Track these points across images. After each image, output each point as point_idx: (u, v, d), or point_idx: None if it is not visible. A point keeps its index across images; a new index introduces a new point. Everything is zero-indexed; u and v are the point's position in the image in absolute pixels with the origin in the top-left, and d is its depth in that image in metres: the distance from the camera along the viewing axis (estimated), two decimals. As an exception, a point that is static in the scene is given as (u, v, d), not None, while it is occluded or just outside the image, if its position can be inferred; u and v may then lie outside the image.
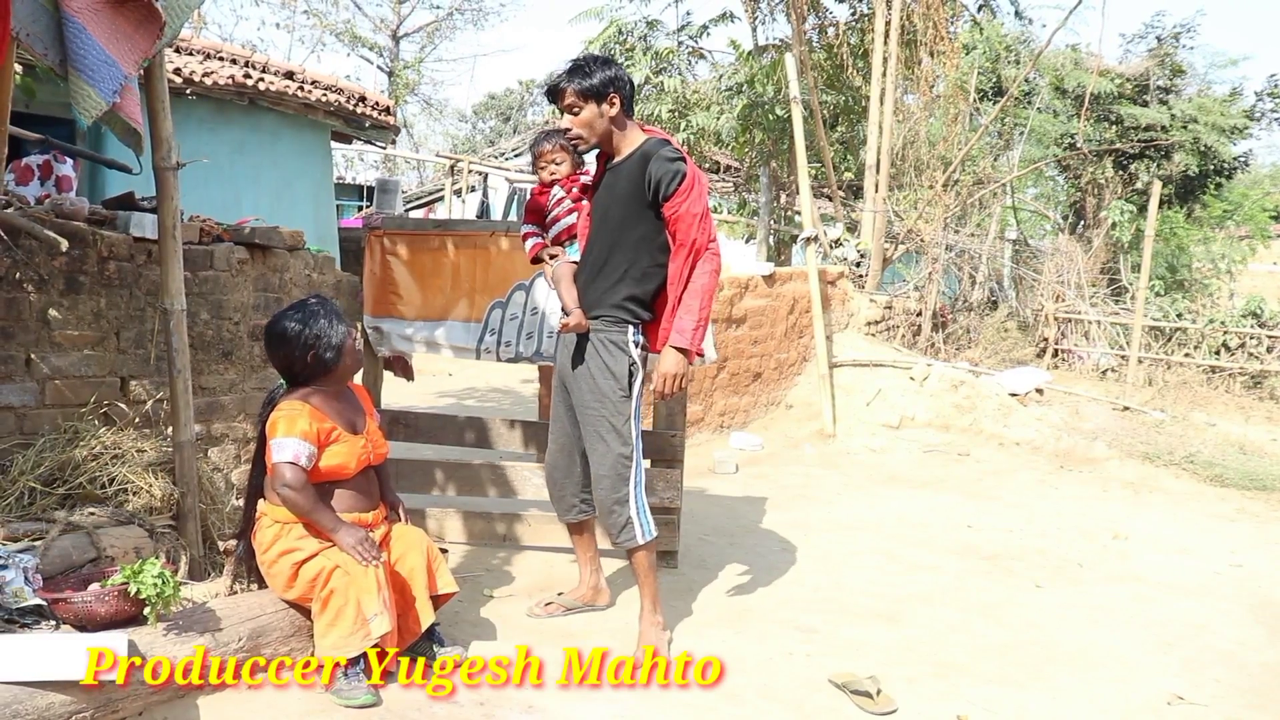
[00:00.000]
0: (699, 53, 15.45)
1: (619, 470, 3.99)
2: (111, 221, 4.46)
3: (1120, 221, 15.39)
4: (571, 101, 3.94)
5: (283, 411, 3.50)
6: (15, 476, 3.81)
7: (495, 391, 10.68)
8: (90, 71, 3.43)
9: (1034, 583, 5.26)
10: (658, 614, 4.07)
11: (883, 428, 9.32)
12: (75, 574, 3.44)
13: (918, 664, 4.04)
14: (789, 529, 6.08)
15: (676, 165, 3.87)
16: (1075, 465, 8.58)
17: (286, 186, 11.28)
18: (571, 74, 3.93)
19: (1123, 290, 13.96)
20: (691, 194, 3.87)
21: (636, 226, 3.98)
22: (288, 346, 3.57)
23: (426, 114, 36.28)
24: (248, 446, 4.99)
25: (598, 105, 3.94)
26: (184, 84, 9.60)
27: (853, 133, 15.54)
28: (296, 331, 3.56)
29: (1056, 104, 17.00)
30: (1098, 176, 17.07)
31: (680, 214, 3.87)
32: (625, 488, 4.00)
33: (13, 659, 2.81)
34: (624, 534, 4.01)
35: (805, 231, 10.29)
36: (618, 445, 3.99)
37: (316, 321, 3.58)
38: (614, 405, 3.99)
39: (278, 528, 3.53)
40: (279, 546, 3.51)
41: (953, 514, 6.76)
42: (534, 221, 4.42)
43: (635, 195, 3.94)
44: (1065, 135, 16.78)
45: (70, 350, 4.21)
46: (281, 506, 3.50)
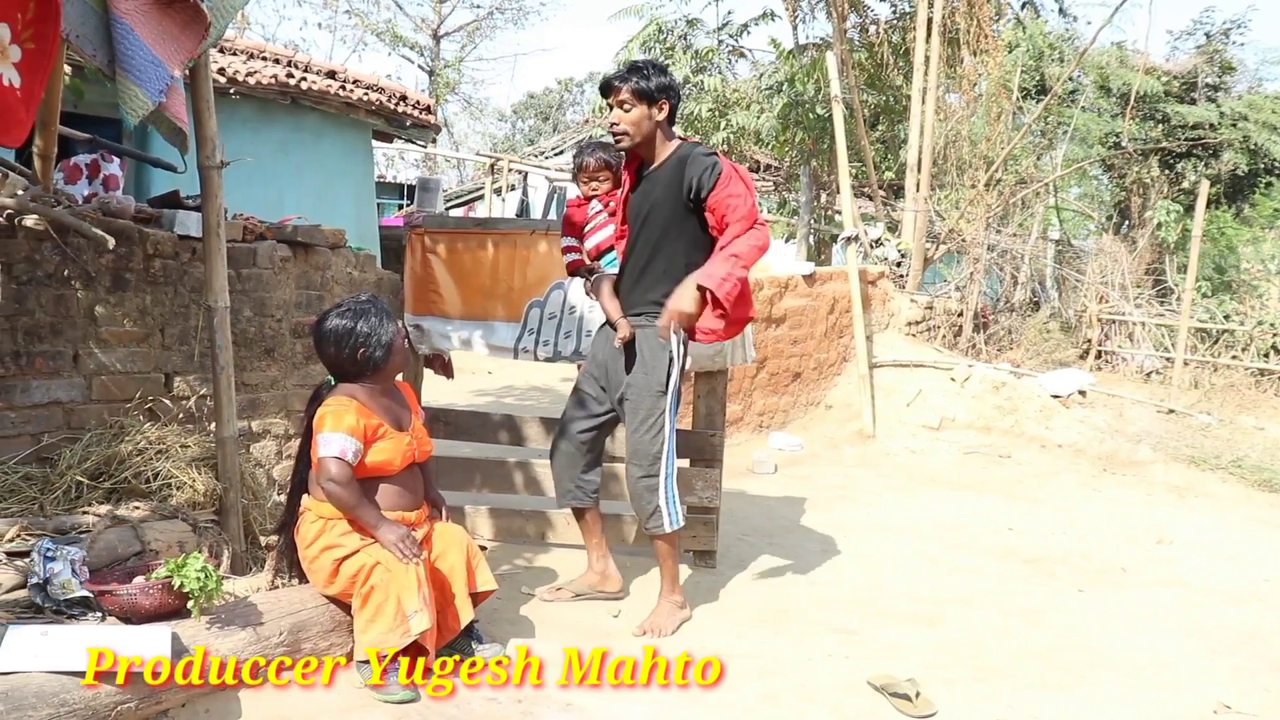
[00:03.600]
0: (739, 51, 15.42)
1: (649, 462, 4.15)
2: (157, 220, 4.52)
3: (1166, 221, 15.18)
4: (625, 98, 4.04)
5: (330, 407, 3.53)
6: (63, 470, 3.87)
7: (535, 390, 10.71)
8: (137, 72, 3.48)
9: (1076, 587, 5.21)
10: (676, 593, 4.31)
11: (923, 429, 9.26)
12: (120, 567, 3.49)
13: (957, 667, 4.01)
14: (828, 530, 6.06)
15: (711, 159, 3.98)
16: (1119, 469, 8.48)
17: (328, 185, 11.37)
18: (630, 72, 4.06)
19: (1168, 291, 13.76)
20: (732, 181, 3.96)
21: (676, 227, 4.09)
22: (337, 343, 3.60)
23: (467, 113, 36.47)
24: (289, 443, 5.04)
25: (648, 107, 4.04)
26: (228, 84, 9.71)
27: (894, 132, 15.45)
28: (347, 329, 3.59)
29: (1101, 103, 16.80)
30: (1143, 176, 16.85)
31: (723, 197, 3.95)
32: (655, 478, 4.16)
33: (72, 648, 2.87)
34: (652, 520, 4.19)
35: (846, 231, 10.26)
36: (648, 439, 4.15)
37: (367, 319, 3.60)
38: (651, 399, 4.14)
39: (321, 523, 3.56)
40: (321, 542, 3.54)
41: (993, 516, 6.71)
42: (571, 234, 4.58)
43: (674, 198, 4.05)
44: (1110, 134, 16.58)
45: (116, 346, 4.27)
46: (325, 502, 3.53)
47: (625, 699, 3.54)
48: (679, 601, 4.32)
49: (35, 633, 2.90)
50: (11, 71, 3.28)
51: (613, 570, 4.58)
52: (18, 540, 3.40)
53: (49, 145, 4.07)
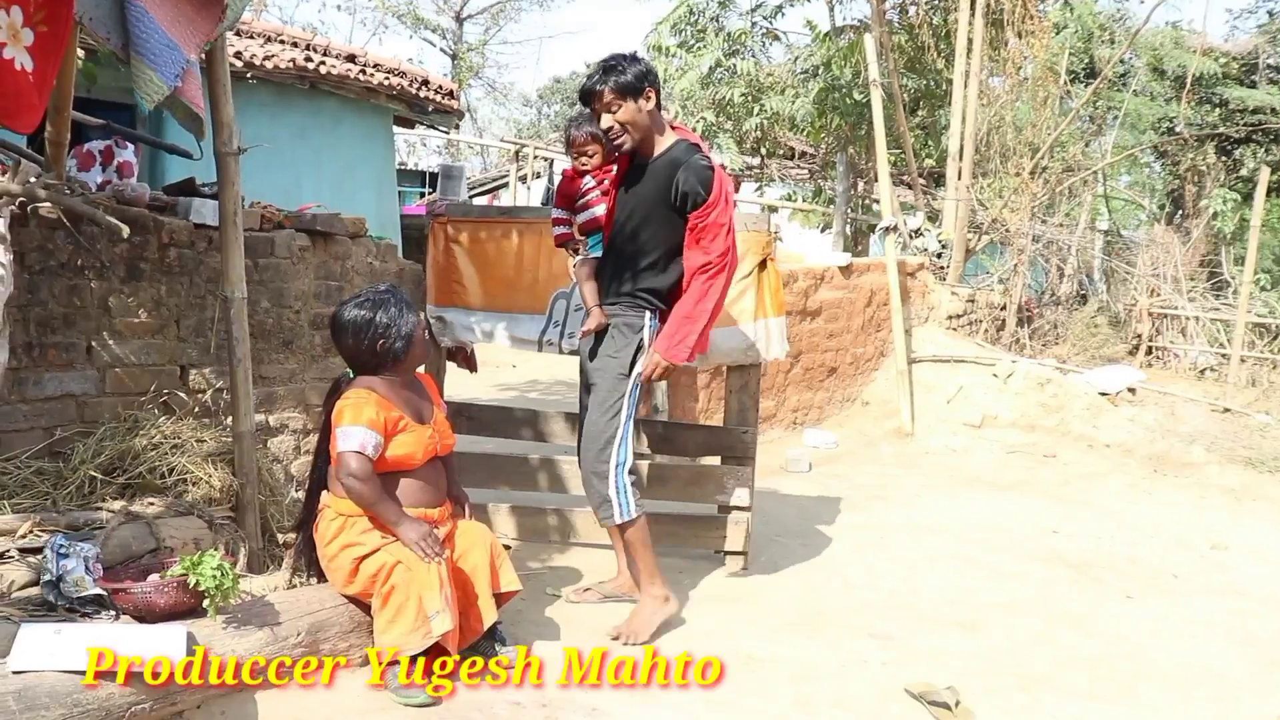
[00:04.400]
0: (773, 34, 15.35)
1: (602, 446, 4.17)
2: (172, 208, 4.55)
3: (1223, 211, 15.01)
4: (610, 100, 4.06)
5: (349, 400, 3.55)
6: (76, 465, 3.91)
7: (560, 384, 10.72)
8: (152, 55, 3.50)
9: (1124, 593, 5.16)
10: (655, 585, 4.23)
11: (964, 427, 9.21)
12: (135, 564, 3.52)
13: (999, 675, 3.99)
14: (864, 531, 6.03)
15: (705, 176, 4.04)
16: (1170, 470, 8.40)
17: (348, 172, 11.43)
18: (607, 73, 4.07)
19: (1224, 284, 13.61)
20: (718, 206, 4.05)
21: (660, 226, 4.19)
22: (356, 335, 3.62)
23: (491, 98, 36.59)
24: (307, 438, 5.07)
25: (635, 101, 4.08)
26: (245, 68, 9.77)
27: (934, 118, 15.34)
28: (365, 320, 3.61)
29: (1154, 86, 16.63)
30: (1198, 163, 16.66)
31: (707, 224, 4.06)
32: (605, 465, 4.16)
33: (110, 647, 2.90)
34: (602, 510, 4.20)
35: (884, 221, 10.20)
36: (604, 421, 4.18)
37: (386, 310, 3.62)
38: (611, 381, 4.20)
39: (341, 520, 3.58)
40: (341, 540, 3.56)
41: (1037, 518, 6.66)
42: (564, 206, 4.63)
43: (661, 199, 4.12)
44: (1163, 119, 16.42)
45: (131, 338, 4.30)
46: (345, 499, 3.54)
47: (652, 704, 3.54)
48: (660, 595, 4.22)
49: (48, 631, 2.93)
50: (24, 55, 3.31)
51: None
52: (30, 536, 3.44)
53: (62, 131, 4.11)
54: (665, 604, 4.22)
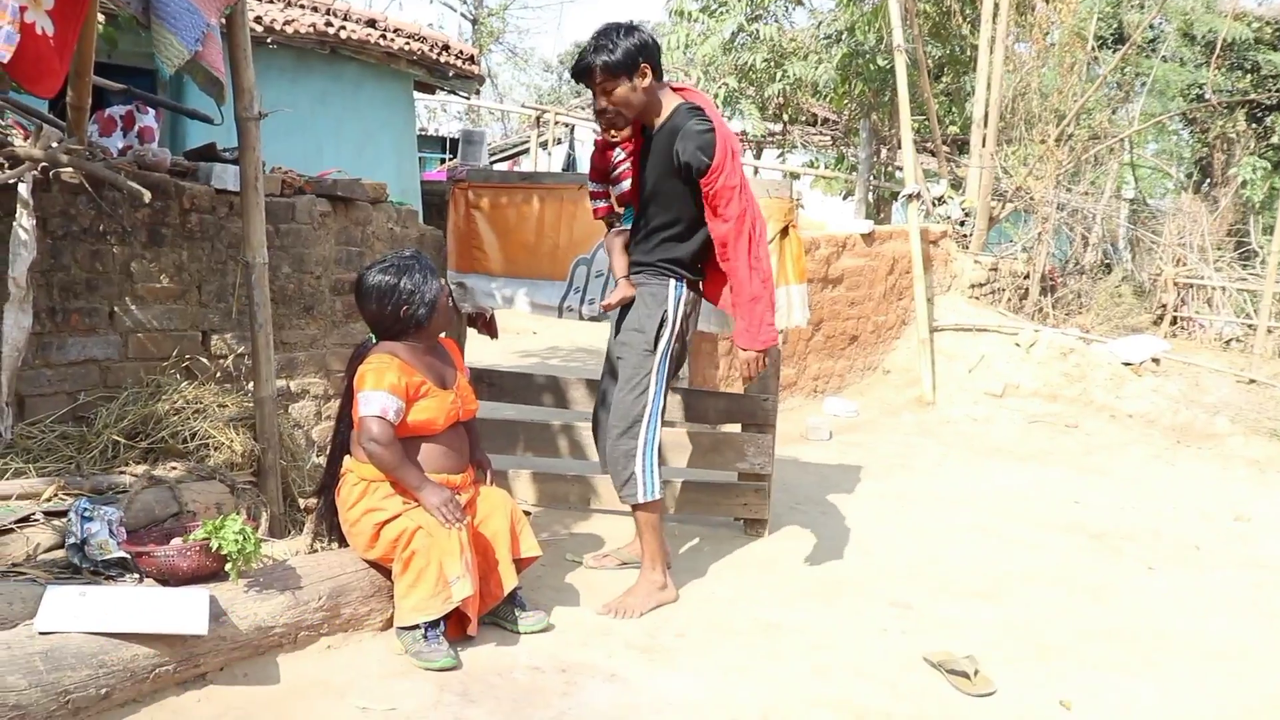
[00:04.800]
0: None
1: (629, 424, 4.11)
2: (193, 173, 4.56)
3: (1252, 179, 14.83)
4: (602, 80, 3.97)
5: (371, 364, 3.56)
6: (99, 430, 3.94)
7: (580, 351, 10.74)
8: (173, 19, 3.50)
9: (1146, 564, 5.15)
10: (656, 571, 4.18)
11: (985, 396, 9.18)
12: (158, 528, 3.56)
13: (1018, 645, 3.99)
14: (884, 500, 6.04)
15: (705, 139, 3.90)
16: (1194, 441, 8.36)
17: (369, 138, 11.42)
18: (597, 51, 3.94)
19: (1252, 254, 13.47)
20: (724, 170, 3.91)
21: (674, 195, 4.10)
22: (379, 300, 3.62)
23: (511, 63, 36.42)
24: (328, 403, 5.10)
25: (630, 79, 3.96)
26: (265, 32, 9.75)
27: (959, 84, 15.20)
28: (390, 285, 3.60)
29: (1184, 51, 16.40)
30: (1228, 130, 16.45)
31: (717, 190, 3.93)
32: (634, 442, 4.11)
33: (127, 609, 2.96)
34: (626, 488, 4.14)
35: (907, 188, 10.14)
36: (631, 399, 4.13)
37: (410, 275, 3.62)
38: (639, 356, 4.14)
39: (362, 485, 3.60)
40: (363, 505, 3.59)
41: (1059, 489, 6.65)
42: (598, 180, 4.57)
43: (668, 169, 4.03)
44: (1192, 86, 16.19)
45: (153, 303, 4.33)
46: (367, 463, 3.56)
47: (671, 670, 3.57)
48: (658, 581, 4.18)
49: (74, 593, 2.97)
50: (45, 19, 3.31)
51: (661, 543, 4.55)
52: (55, 500, 3.48)
53: (83, 96, 4.12)
54: (661, 591, 4.17)
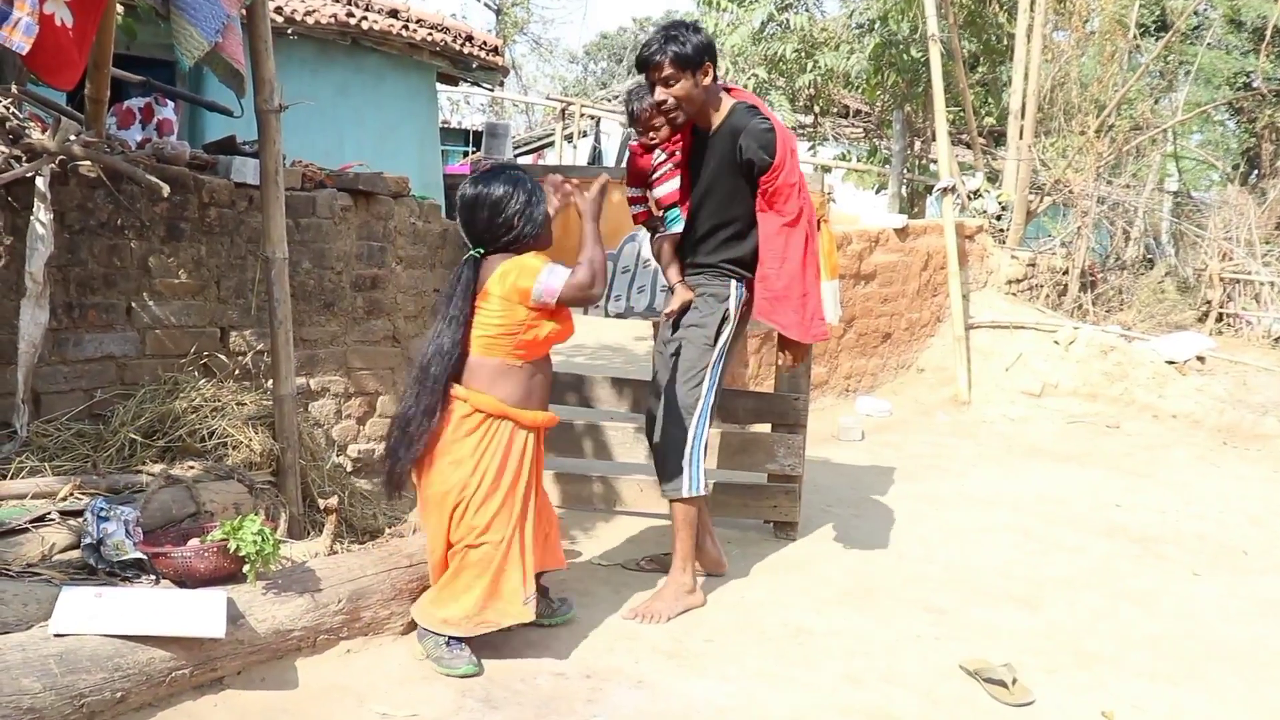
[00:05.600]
0: (828, -14, 15.17)
1: (682, 416, 4.15)
2: (213, 166, 4.57)
3: (1302, 171, 14.66)
4: (669, 74, 4.02)
5: (528, 258, 3.50)
6: (116, 428, 3.96)
7: (606, 349, 10.72)
8: (193, 11, 3.51)
9: (1191, 570, 5.09)
10: (685, 574, 4.19)
11: (1023, 395, 9.12)
12: (175, 528, 3.57)
13: (1058, 653, 3.95)
14: (919, 502, 5.99)
15: (767, 138, 4.01)
16: (1241, 442, 8.26)
17: (391, 130, 11.44)
18: (667, 43, 4.01)
19: (1301, 248, 13.33)
20: (784, 168, 4.03)
21: (734, 196, 4.17)
22: (492, 208, 3.52)
23: (536, 54, 36.49)
24: (348, 401, 5.10)
25: (693, 75, 4.04)
26: (285, 23, 9.78)
27: (995, 74, 15.10)
28: (506, 194, 3.53)
29: (1230, 38, 16.24)
30: (1277, 120, 16.27)
31: (777, 187, 4.05)
32: (684, 434, 4.14)
33: (144, 611, 2.96)
34: (671, 483, 4.16)
35: (942, 181, 10.08)
36: (684, 390, 4.17)
37: (525, 187, 3.56)
38: (696, 351, 4.19)
39: (477, 418, 3.48)
40: (474, 443, 3.47)
41: (1099, 491, 6.58)
42: (637, 185, 4.58)
43: (729, 168, 4.12)
44: (1239, 74, 16.04)
45: (171, 299, 4.34)
46: (484, 392, 3.46)
47: (699, 675, 3.55)
48: (687, 585, 4.18)
49: (89, 595, 2.98)
50: (64, 10, 3.33)
51: (713, 548, 4.55)
52: (71, 499, 3.49)
53: (101, 88, 4.14)
54: (690, 595, 4.17)
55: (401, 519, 4.36)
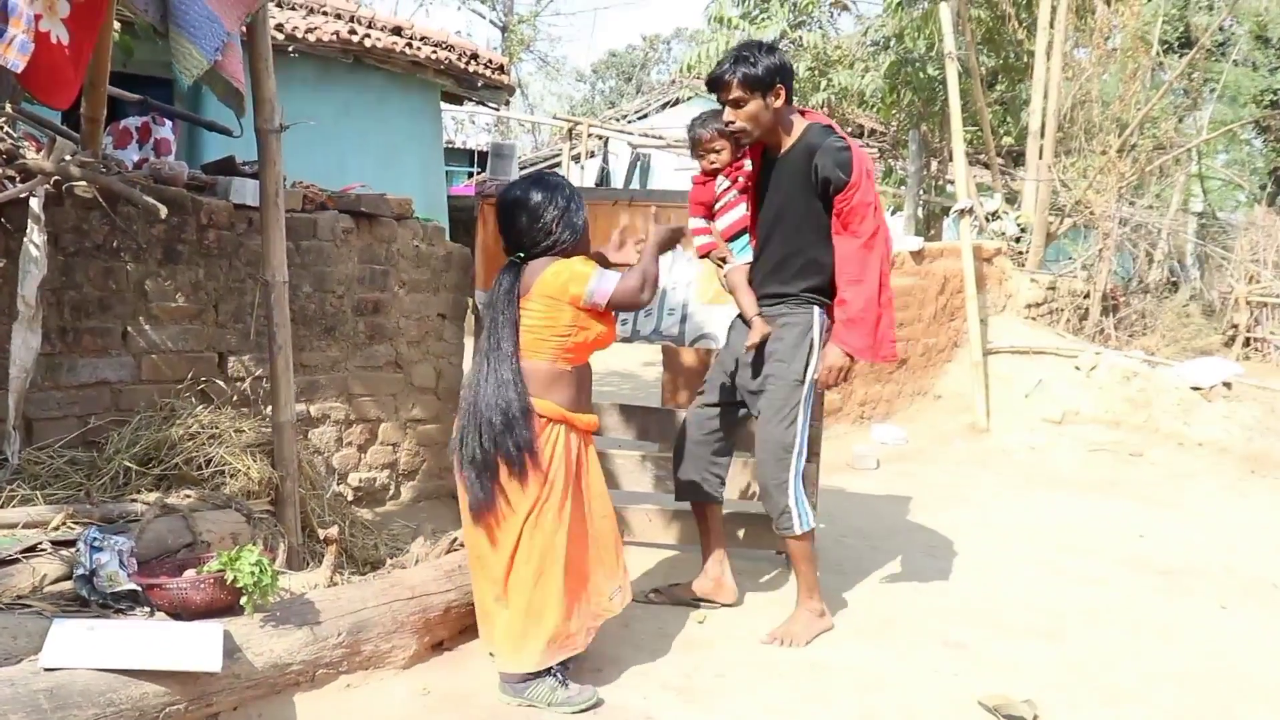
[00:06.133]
0: (842, 4, 15.23)
1: (781, 455, 4.19)
2: (211, 187, 4.60)
3: (1329, 191, 14.65)
4: (738, 95, 4.06)
5: (576, 262, 3.56)
6: (110, 455, 3.96)
7: (613, 374, 10.73)
8: (192, 28, 3.53)
9: (1219, 603, 5.06)
10: (814, 600, 4.32)
11: (1043, 423, 9.08)
12: (170, 559, 3.57)
13: (1081, 689, 3.92)
14: (936, 532, 5.97)
15: (843, 157, 4.05)
16: (1270, 471, 8.22)
17: (394, 151, 11.50)
18: (737, 63, 4.06)
19: (1330, 271, 13.32)
20: (860, 187, 4.06)
21: (810, 219, 4.19)
22: (531, 213, 3.57)
23: (543, 73, 36.64)
24: (349, 428, 5.11)
25: (764, 97, 4.07)
26: (286, 41, 9.85)
27: (1014, 93, 15.14)
28: (546, 199, 3.58)
29: (1257, 55, 16.30)
30: (1304, 139, 16.30)
31: (852, 206, 4.08)
32: (786, 473, 4.19)
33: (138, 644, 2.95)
34: (782, 520, 4.21)
35: (959, 203, 10.08)
36: (780, 430, 4.19)
37: (564, 193, 3.62)
38: (787, 389, 4.21)
39: (541, 423, 3.51)
40: (553, 450, 3.52)
41: (1123, 522, 6.55)
42: (702, 215, 4.59)
43: (804, 189, 4.15)
44: (1266, 92, 16.08)
45: (168, 323, 4.36)
46: (553, 402, 3.52)
47: (708, 713, 3.53)
48: (817, 609, 4.32)
49: (81, 628, 2.97)
50: (60, 28, 3.36)
51: (729, 579, 4.58)
52: (63, 529, 3.49)
53: (98, 107, 4.17)
54: (822, 618, 4.31)
55: (403, 549, 4.35)
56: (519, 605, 3.46)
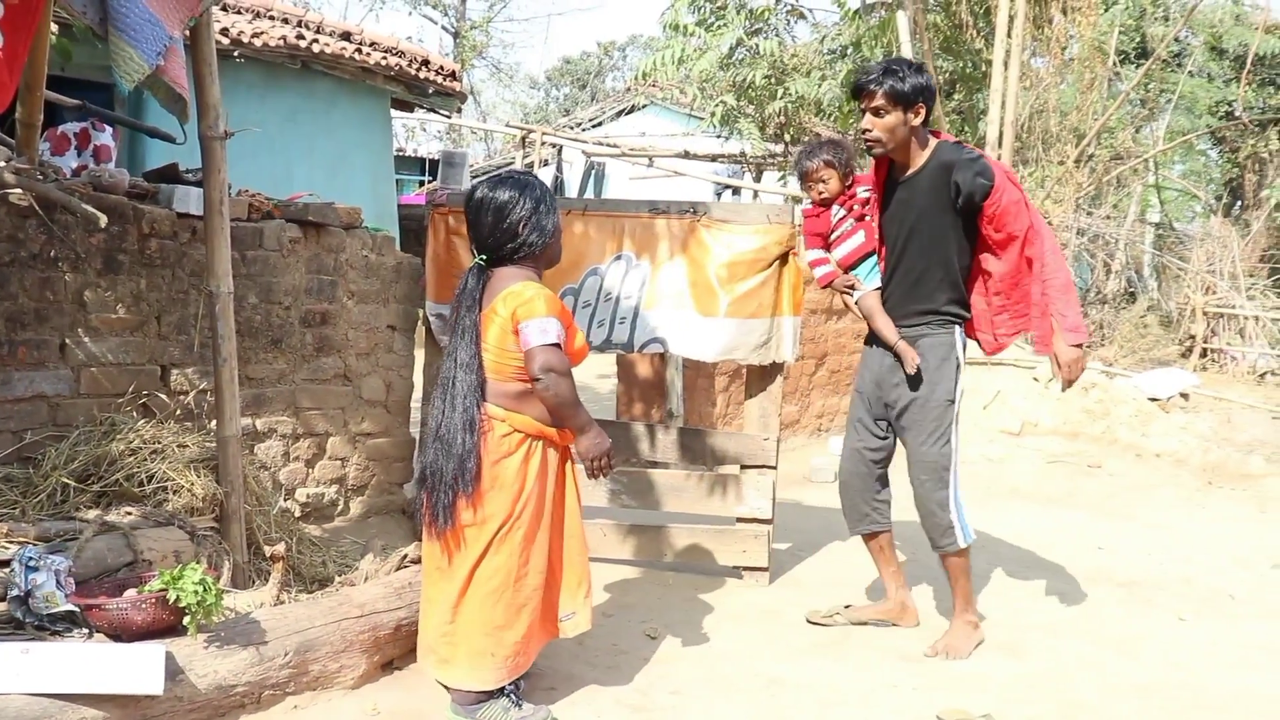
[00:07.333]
0: (799, 11, 15.31)
1: (939, 475, 4.39)
2: (153, 195, 4.56)
3: (1286, 202, 14.92)
4: (880, 105, 4.17)
5: (532, 290, 3.39)
6: (48, 471, 3.91)
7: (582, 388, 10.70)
8: (132, 31, 3.50)
9: (1177, 615, 5.12)
10: (969, 613, 4.50)
11: (1001, 434, 9.17)
12: (110, 578, 3.53)
13: (1040, 703, 3.95)
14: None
15: (981, 165, 4.15)
16: (1226, 481, 8.34)
17: (342, 159, 11.44)
18: (885, 75, 4.16)
19: (1286, 281, 13.56)
20: (1006, 187, 4.14)
21: (947, 234, 4.28)
22: (497, 213, 3.45)
23: (495, 79, 36.59)
24: (296, 443, 5.07)
25: (904, 112, 4.17)
26: (232, 45, 9.78)
27: (972, 101, 15.28)
28: (513, 199, 3.45)
29: (1212, 66, 16.56)
30: (1259, 150, 16.58)
31: (1004, 207, 4.14)
32: (945, 491, 4.40)
33: (75, 667, 2.91)
34: (945, 538, 4.41)
35: (917, 212, 10.15)
36: (936, 450, 4.38)
37: (534, 192, 3.49)
38: (940, 410, 4.38)
39: (517, 438, 3.44)
40: (519, 463, 3.44)
41: (1082, 534, 6.62)
42: (819, 246, 4.67)
43: (941, 205, 4.23)
44: (1221, 103, 16.34)
45: (108, 335, 4.31)
46: (521, 412, 3.42)
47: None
48: (973, 621, 4.47)
49: (15, 650, 2.92)
50: (-6, 31, 3.32)
51: (911, 602, 4.73)
52: (-2, 548, 3.44)
53: (34, 112, 4.12)
54: (977, 629, 4.48)
55: (352, 566, 4.32)
56: (482, 622, 3.41)
